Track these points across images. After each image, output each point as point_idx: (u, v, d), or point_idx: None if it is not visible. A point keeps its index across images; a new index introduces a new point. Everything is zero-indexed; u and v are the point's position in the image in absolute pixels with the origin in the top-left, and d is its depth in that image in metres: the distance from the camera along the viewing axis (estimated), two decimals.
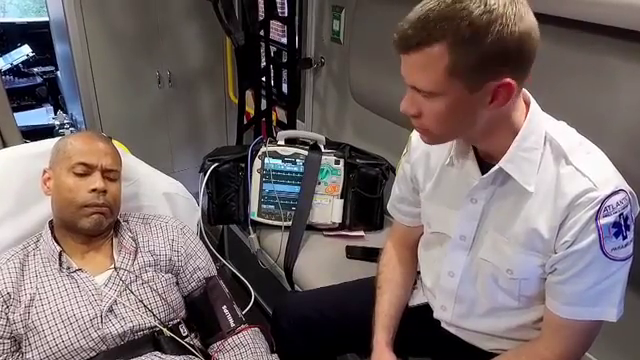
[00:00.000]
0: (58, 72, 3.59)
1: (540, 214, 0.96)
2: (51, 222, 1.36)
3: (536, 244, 0.98)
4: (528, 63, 0.88)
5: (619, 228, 0.91)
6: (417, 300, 1.30)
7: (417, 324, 1.25)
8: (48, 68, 3.92)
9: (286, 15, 2.22)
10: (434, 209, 1.18)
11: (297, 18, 2.24)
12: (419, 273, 1.31)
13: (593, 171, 0.91)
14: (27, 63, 3.97)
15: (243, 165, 1.93)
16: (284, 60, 2.35)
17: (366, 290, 1.32)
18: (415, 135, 1.20)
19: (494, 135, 0.97)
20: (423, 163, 1.17)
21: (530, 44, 0.85)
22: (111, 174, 1.33)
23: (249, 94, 2.41)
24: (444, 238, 1.15)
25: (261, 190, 1.93)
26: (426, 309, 1.26)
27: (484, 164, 1.03)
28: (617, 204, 0.90)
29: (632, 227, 0.93)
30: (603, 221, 0.90)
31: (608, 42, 1.19)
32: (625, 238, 0.92)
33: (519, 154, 0.96)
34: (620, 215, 0.90)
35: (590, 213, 0.90)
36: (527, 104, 0.98)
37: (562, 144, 0.95)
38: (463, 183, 1.07)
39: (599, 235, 0.90)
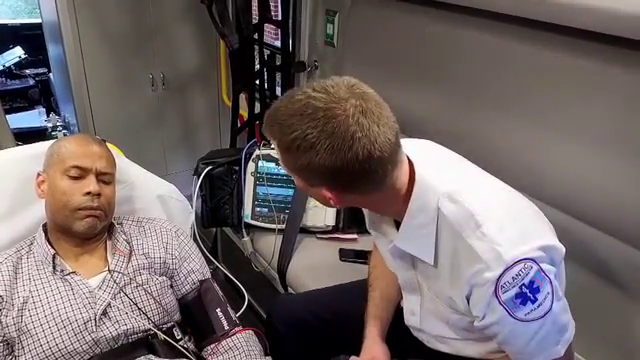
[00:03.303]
0: (51, 74, 3.58)
1: (450, 285, 0.98)
2: (45, 225, 1.35)
3: (458, 307, 1.00)
4: (352, 183, 0.89)
5: (523, 297, 0.89)
6: None
7: None
8: (40, 70, 3.89)
9: (280, 18, 2.23)
10: (379, 247, 1.22)
11: (291, 21, 2.24)
12: None
13: (484, 248, 0.89)
14: (19, 65, 3.94)
15: (237, 168, 1.94)
16: (278, 63, 2.35)
17: (359, 291, 1.33)
18: None
19: (385, 208, 1.01)
20: None
21: (348, 172, 0.86)
22: (105, 177, 1.33)
23: (243, 97, 2.41)
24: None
25: (255, 193, 1.93)
26: None
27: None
28: (513, 278, 0.88)
29: (545, 284, 0.90)
30: (504, 297, 0.89)
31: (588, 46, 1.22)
32: (535, 301, 0.90)
33: (411, 232, 0.98)
34: (521, 286, 0.88)
35: (489, 292, 0.90)
36: (413, 172, 0.97)
37: (452, 220, 0.93)
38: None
39: (505, 309, 0.90)
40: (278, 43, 2.32)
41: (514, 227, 0.92)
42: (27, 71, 3.94)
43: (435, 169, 0.99)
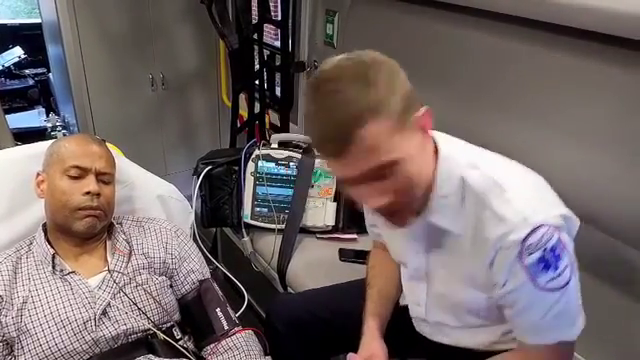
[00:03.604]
0: (50, 74, 3.58)
1: (472, 255, 0.98)
2: (44, 225, 1.35)
3: (477, 281, 1.01)
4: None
5: (546, 262, 0.90)
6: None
7: (410, 323, 1.26)
8: (40, 70, 3.90)
9: (279, 18, 2.23)
10: (389, 237, 1.22)
11: (290, 21, 2.25)
12: None
13: (510, 212, 0.91)
14: (19, 65, 3.96)
15: (236, 168, 1.94)
16: (277, 63, 2.36)
17: (358, 291, 1.33)
18: None
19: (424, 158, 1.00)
20: None
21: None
22: (105, 177, 1.33)
23: (243, 97, 2.42)
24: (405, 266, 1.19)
25: (254, 193, 1.93)
26: None
27: None
28: (538, 241, 0.89)
29: (564, 254, 0.91)
30: (528, 260, 0.90)
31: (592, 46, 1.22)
32: (557, 268, 0.91)
33: (440, 202, 0.99)
34: (544, 250, 0.89)
35: (513, 255, 0.90)
36: (436, 147, 0.99)
37: (477, 187, 0.95)
38: None
39: (528, 273, 0.91)
40: (278, 43, 2.32)
41: (536, 195, 0.95)
42: (27, 71, 3.96)
43: (455, 145, 1.02)
